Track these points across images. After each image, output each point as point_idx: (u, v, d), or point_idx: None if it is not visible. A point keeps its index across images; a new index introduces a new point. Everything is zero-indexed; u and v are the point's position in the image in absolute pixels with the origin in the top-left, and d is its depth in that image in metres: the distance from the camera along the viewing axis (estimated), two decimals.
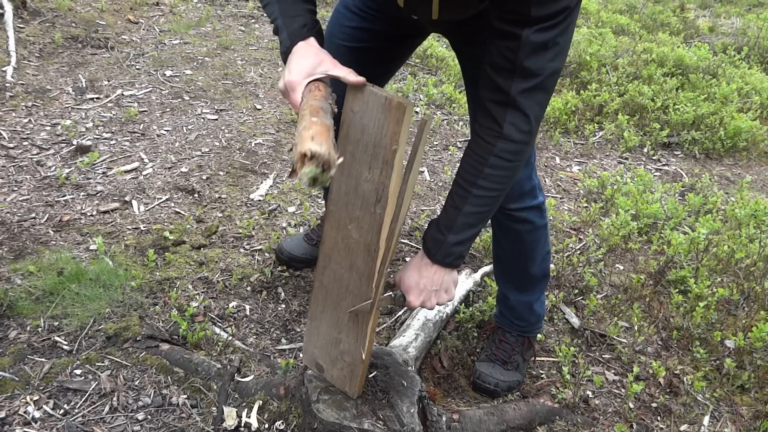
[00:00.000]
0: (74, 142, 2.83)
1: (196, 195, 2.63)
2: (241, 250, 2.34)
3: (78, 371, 1.70)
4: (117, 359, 1.75)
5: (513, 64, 1.14)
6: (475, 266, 2.41)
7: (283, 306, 2.12)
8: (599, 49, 4.62)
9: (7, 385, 1.62)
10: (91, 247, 2.20)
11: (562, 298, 2.26)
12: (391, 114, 1.14)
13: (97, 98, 3.30)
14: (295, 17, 1.22)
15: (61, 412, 1.58)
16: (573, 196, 3.12)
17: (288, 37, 1.21)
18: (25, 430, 1.52)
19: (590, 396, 1.89)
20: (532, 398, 1.84)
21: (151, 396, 1.65)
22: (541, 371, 1.98)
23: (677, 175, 3.51)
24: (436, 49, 4.45)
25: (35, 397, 1.60)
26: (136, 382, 1.69)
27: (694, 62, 4.59)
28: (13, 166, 2.63)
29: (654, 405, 1.88)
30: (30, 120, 2.98)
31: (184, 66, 3.85)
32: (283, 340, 1.98)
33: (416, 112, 3.70)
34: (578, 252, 2.56)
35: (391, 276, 2.15)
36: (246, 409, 1.61)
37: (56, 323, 1.85)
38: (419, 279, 1.35)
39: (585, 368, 1.96)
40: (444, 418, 1.60)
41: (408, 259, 2.41)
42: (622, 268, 2.55)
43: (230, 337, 1.91)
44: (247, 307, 2.08)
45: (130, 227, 2.36)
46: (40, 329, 1.83)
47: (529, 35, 1.11)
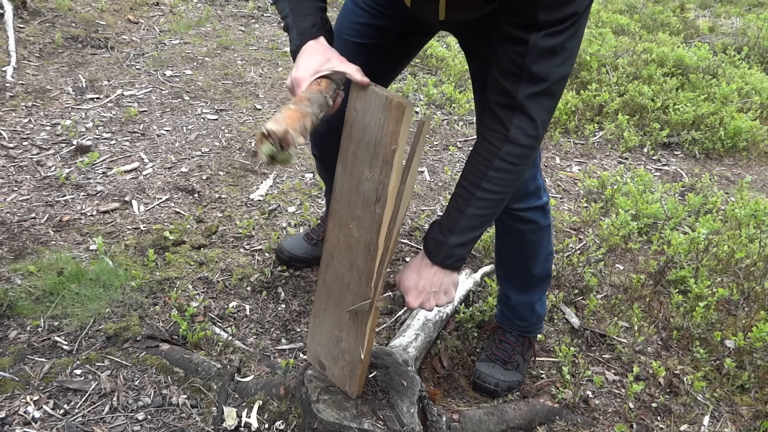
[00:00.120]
0: (74, 142, 2.83)
1: (196, 195, 2.63)
2: (241, 250, 2.34)
3: (78, 371, 1.70)
4: (117, 359, 1.75)
5: (520, 68, 1.13)
6: (475, 266, 2.41)
7: (283, 306, 2.12)
8: (599, 49, 4.61)
9: (7, 385, 1.62)
10: (91, 247, 2.20)
11: (562, 298, 2.26)
12: (391, 113, 1.14)
13: (97, 98, 3.30)
14: (305, 16, 1.22)
15: (61, 412, 1.58)
16: (573, 196, 3.11)
17: (298, 36, 1.21)
18: (25, 430, 1.52)
19: (590, 396, 1.89)
20: (532, 398, 1.84)
21: (151, 396, 1.65)
22: (541, 371, 1.98)
23: (677, 175, 3.50)
24: (436, 49, 4.45)
25: (35, 397, 1.60)
26: (136, 382, 1.69)
27: (694, 62, 4.59)
28: (13, 166, 2.63)
29: (654, 405, 1.88)
30: (30, 120, 2.98)
31: (184, 66, 3.85)
32: (283, 340, 1.98)
33: (416, 112, 3.70)
34: (578, 252, 2.56)
35: (392, 276, 2.15)
36: (246, 409, 1.61)
37: (56, 323, 1.85)
38: (419, 280, 1.35)
39: (585, 368, 1.96)
40: (444, 418, 1.60)
41: (408, 260, 2.41)
42: (622, 268, 2.55)
43: (230, 337, 1.91)
44: (247, 307, 2.08)
45: (130, 227, 2.36)
46: (40, 329, 1.83)
47: (536, 40, 1.10)
